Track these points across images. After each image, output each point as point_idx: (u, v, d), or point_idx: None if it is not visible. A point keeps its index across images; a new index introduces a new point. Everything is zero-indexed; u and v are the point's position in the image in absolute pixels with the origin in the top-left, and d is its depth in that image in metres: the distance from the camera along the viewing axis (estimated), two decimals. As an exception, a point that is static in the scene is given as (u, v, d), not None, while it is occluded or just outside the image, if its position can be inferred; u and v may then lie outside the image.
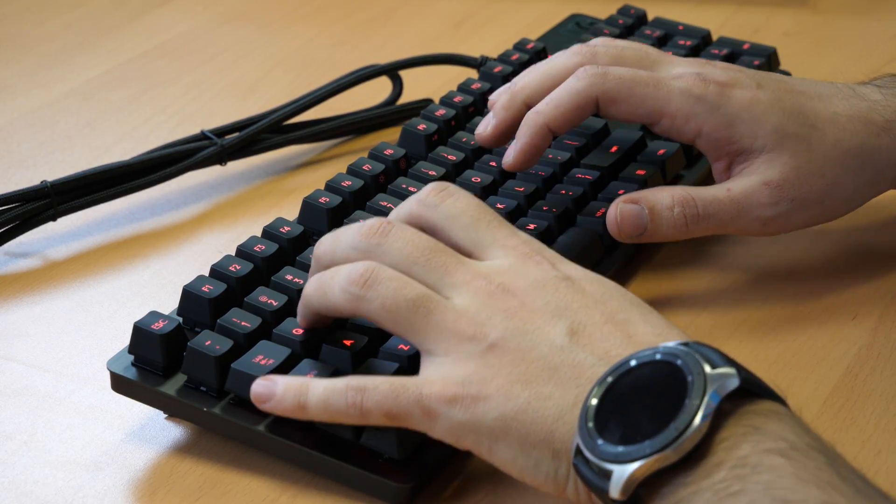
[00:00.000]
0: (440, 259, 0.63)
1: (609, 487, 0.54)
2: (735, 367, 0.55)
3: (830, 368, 0.72)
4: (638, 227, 0.74)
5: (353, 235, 0.65)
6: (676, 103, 0.75)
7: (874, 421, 0.68)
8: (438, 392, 0.60)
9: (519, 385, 0.59)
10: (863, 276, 0.79)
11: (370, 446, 0.63)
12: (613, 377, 0.56)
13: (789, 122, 0.75)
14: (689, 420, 0.53)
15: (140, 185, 0.87)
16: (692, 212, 0.74)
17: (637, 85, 0.75)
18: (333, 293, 0.63)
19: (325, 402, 0.61)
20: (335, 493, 0.64)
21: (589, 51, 0.78)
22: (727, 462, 0.53)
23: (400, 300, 0.61)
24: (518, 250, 0.64)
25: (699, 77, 0.76)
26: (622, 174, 0.82)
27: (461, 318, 0.61)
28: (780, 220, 0.75)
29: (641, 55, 0.78)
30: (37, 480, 0.66)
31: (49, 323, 0.78)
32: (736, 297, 0.78)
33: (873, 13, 1.12)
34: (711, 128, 0.75)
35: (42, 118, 0.99)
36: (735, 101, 0.75)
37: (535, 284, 0.62)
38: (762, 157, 0.75)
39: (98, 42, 1.11)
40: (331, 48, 1.09)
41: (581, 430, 0.56)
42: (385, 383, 0.61)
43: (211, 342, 0.66)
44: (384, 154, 0.82)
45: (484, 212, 0.65)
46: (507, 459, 0.59)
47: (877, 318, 0.75)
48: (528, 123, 0.76)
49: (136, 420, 0.69)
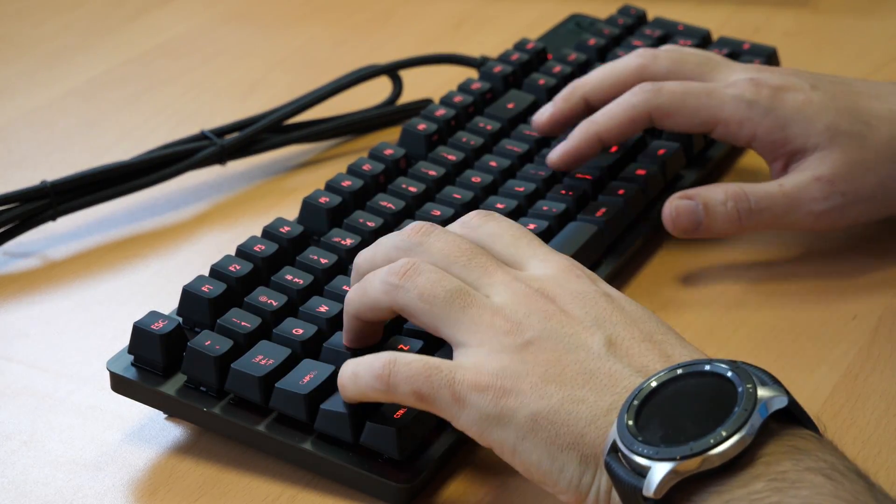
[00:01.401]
0: (480, 261, 0.63)
1: (643, 485, 0.53)
2: (784, 390, 0.55)
3: (830, 368, 0.72)
4: (693, 221, 0.77)
5: (394, 237, 0.65)
6: (729, 110, 0.77)
7: (874, 421, 0.68)
8: (471, 379, 0.59)
9: (553, 385, 0.58)
10: (863, 277, 0.79)
11: (370, 446, 0.63)
12: (658, 382, 0.56)
13: (842, 119, 0.77)
14: (738, 427, 0.53)
15: (140, 185, 0.87)
16: (745, 206, 0.76)
17: (689, 97, 0.78)
18: (373, 287, 0.63)
19: (355, 375, 0.61)
20: (335, 493, 0.64)
21: (651, 53, 0.81)
22: (766, 475, 0.52)
23: (438, 290, 0.61)
24: (559, 264, 0.64)
25: (752, 82, 0.78)
26: (622, 174, 0.82)
27: (498, 314, 0.60)
28: (833, 214, 0.77)
29: (702, 60, 0.81)
30: (37, 480, 0.66)
31: (49, 323, 0.78)
32: (736, 297, 0.78)
33: (873, 13, 1.12)
34: (765, 131, 0.77)
35: (42, 118, 0.99)
36: (788, 104, 0.77)
37: (574, 295, 0.62)
38: (815, 154, 0.76)
39: (98, 42, 1.10)
40: (331, 48, 1.09)
41: (620, 427, 0.55)
42: (418, 361, 0.60)
43: (211, 342, 0.66)
44: (384, 154, 0.82)
45: (525, 233, 0.66)
46: (532, 461, 0.58)
47: (877, 319, 0.75)
48: (581, 129, 0.79)
49: (136, 420, 0.69)
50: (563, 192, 0.79)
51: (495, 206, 0.77)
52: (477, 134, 0.85)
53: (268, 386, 0.65)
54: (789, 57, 0.99)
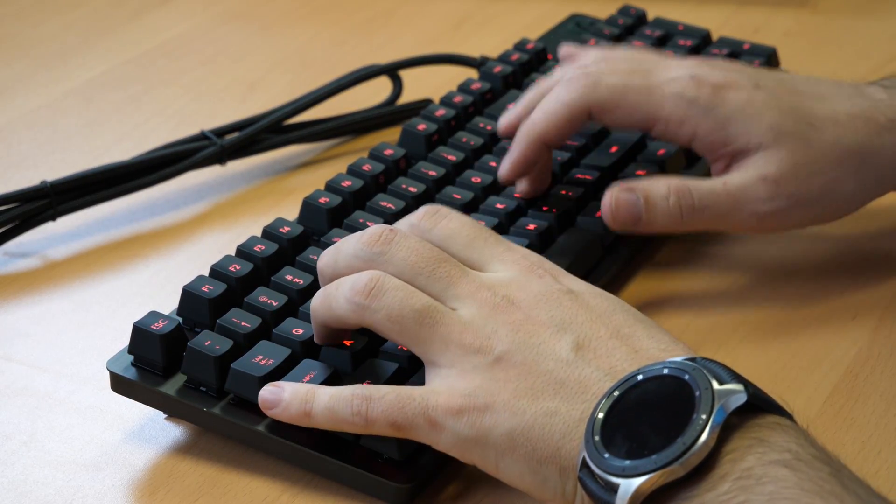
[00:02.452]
0: (444, 269, 0.63)
1: (615, 501, 0.54)
2: (742, 383, 0.55)
3: (830, 368, 0.72)
4: (633, 215, 0.73)
5: (354, 244, 0.64)
6: (669, 108, 0.75)
7: (874, 421, 0.68)
8: (444, 403, 0.59)
9: (525, 400, 0.59)
10: (863, 277, 0.79)
11: (370, 446, 0.63)
12: (620, 391, 0.56)
13: (786, 120, 0.74)
14: (697, 435, 0.53)
15: (140, 185, 0.87)
16: (687, 202, 0.73)
17: (629, 92, 0.75)
18: (339, 304, 0.63)
19: (331, 411, 0.61)
20: (335, 493, 0.64)
21: (581, 73, 0.77)
22: (732, 474, 0.52)
23: (406, 311, 0.61)
24: (519, 264, 0.64)
25: (693, 79, 0.75)
26: (622, 174, 0.82)
27: (467, 331, 0.61)
28: (777, 217, 0.74)
29: (634, 66, 0.77)
30: (37, 480, 0.66)
31: (49, 323, 0.78)
32: (736, 297, 0.78)
33: (873, 13, 1.12)
34: (706, 130, 0.75)
35: (42, 118, 0.99)
36: (729, 103, 0.75)
37: (538, 297, 0.62)
38: (759, 153, 0.74)
39: (98, 42, 1.10)
40: (331, 48, 1.09)
41: (587, 444, 0.55)
42: (391, 393, 0.61)
43: (211, 342, 0.66)
44: (384, 154, 0.82)
45: (479, 230, 0.65)
46: (515, 475, 0.59)
47: (877, 319, 0.75)
48: (522, 135, 0.76)
49: (136, 420, 0.69)
50: (562, 193, 0.79)
51: (495, 207, 0.77)
52: (477, 134, 0.85)
53: (268, 386, 0.65)
54: (789, 57, 0.99)
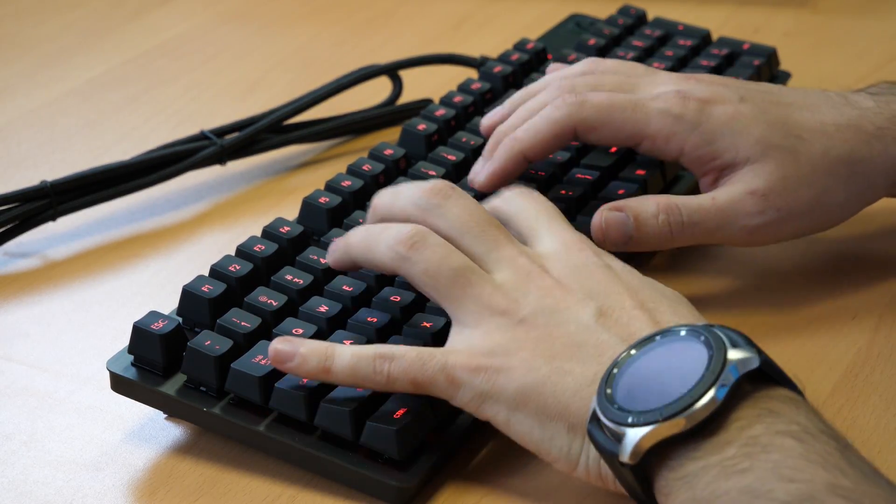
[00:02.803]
0: (492, 233, 0.65)
1: (620, 451, 0.55)
2: (756, 350, 0.56)
3: (830, 368, 0.72)
4: (623, 234, 0.74)
5: (415, 191, 0.66)
6: (655, 124, 0.75)
7: (874, 421, 0.68)
8: (464, 362, 0.61)
9: (541, 359, 0.60)
10: (863, 277, 0.79)
11: (370, 446, 0.63)
12: (637, 349, 0.57)
13: (773, 133, 0.74)
14: (705, 390, 0.54)
15: (140, 185, 0.87)
16: (677, 219, 0.74)
17: (614, 110, 0.75)
18: (379, 248, 0.65)
19: (353, 368, 0.63)
20: (335, 493, 0.64)
21: (568, 84, 0.77)
22: (738, 440, 0.53)
23: (443, 267, 0.63)
24: (565, 238, 0.66)
25: (678, 95, 0.75)
26: (622, 174, 0.82)
27: (497, 293, 0.63)
28: (767, 230, 0.74)
29: (621, 80, 0.77)
30: (37, 480, 0.66)
31: (49, 323, 0.78)
32: (735, 297, 0.78)
33: (873, 13, 1.12)
34: (692, 146, 0.75)
35: (42, 118, 0.99)
36: (715, 117, 0.75)
37: (573, 268, 0.64)
38: (747, 167, 0.74)
39: (98, 42, 1.11)
40: (331, 48, 1.09)
41: (599, 395, 0.57)
42: (412, 352, 0.62)
43: (211, 342, 0.66)
44: (384, 154, 0.82)
45: (547, 208, 0.68)
46: (524, 431, 0.60)
47: (877, 319, 0.75)
48: (505, 149, 0.76)
49: (136, 420, 0.69)
50: (563, 193, 0.79)
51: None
52: (477, 134, 0.84)
53: (268, 386, 0.65)
54: (789, 57, 0.99)
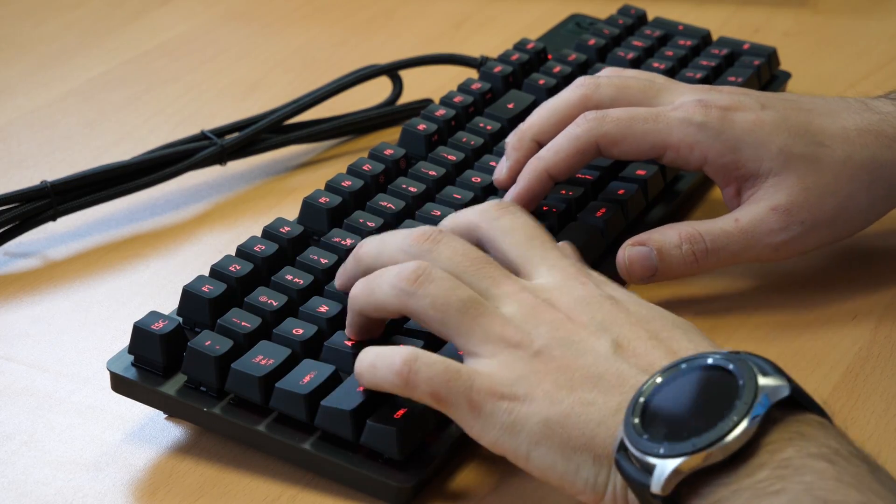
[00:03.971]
0: (488, 270, 0.63)
1: (651, 483, 0.54)
2: (786, 378, 0.55)
3: (830, 368, 0.72)
4: (648, 268, 0.74)
5: (402, 240, 0.65)
6: (678, 134, 0.74)
7: (874, 421, 0.68)
8: (489, 387, 0.59)
9: (564, 391, 0.59)
10: (863, 277, 0.79)
11: (370, 446, 0.63)
12: (663, 377, 0.56)
13: (795, 141, 0.74)
14: (739, 420, 0.53)
15: (140, 185, 0.87)
16: (701, 247, 0.74)
17: (635, 122, 0.75)
18: (382, 290, 0.63)
19: (373, 367, 0.61)
20: (335, 493, 0.64)
21: (592, 82, 0.77)
22: (770, 463, 0.53)
23: (451, 300, 0.61)
24: (565, 271, 0.64)
25: (700, 104, 0.75)
26: (622, 174, 0.82)
27: (508, 325, 0.61)
28: (793, 244, 0.74)
29: (645, 84, 0.77)
30: (37, 480, 0.66)
31: (49, 323, 0.78)
32: (736, 297, 0.78)
33: (873, 13, 1.12)
34: (716, 154, 0.74)
35: (42, 118, 0.99)
36: (738, 125, 0.74)
37: (579, 301, 0.62)
38: (769, 181, 0.74)
39: (98, 42, 1.10)
40: (331, 48, 1.09)
41: (626, 425, 0.55)
42: (440, 363, 0.60)
43: (211, 342, 0.66)
44: (384, 154, 0.82)
45: (539, 232, 0.66)
46: (547, 465, 0.59)
47: (877, 319, 0.75)
48: (529, 169, 0.76)
49: (136, 420, 0.69)
50: (562, 193, 0.79)
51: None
52: (477, 134, 0.85)
53: (268, 386, 0.65)
54: (789, 57, 0.99)
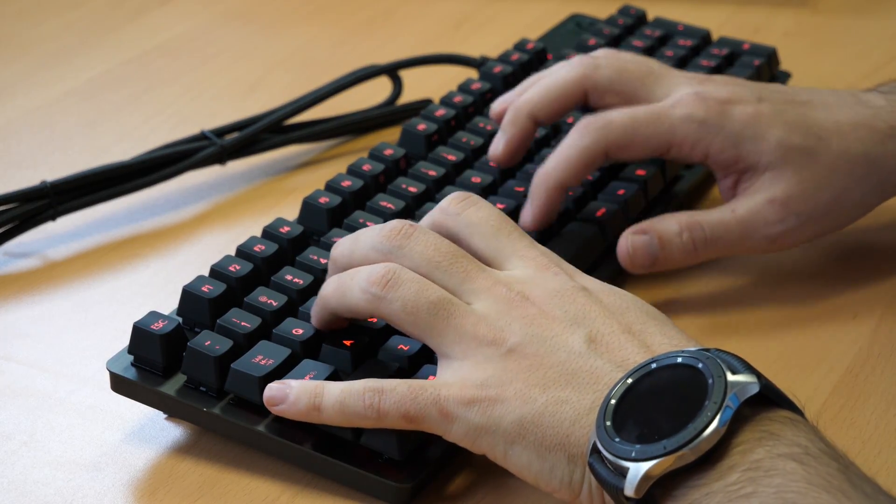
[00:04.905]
0: (462, 264, 0.63)
1: (624, 485, 0.54)
2: (755, 375, 0.55)
3: (830, 368, 0.72)
4: (649, 256, 0.75)
5: (373, 236, 0.65)
6: (681, 132, 0.75)
7: (874, 421, 0.68)
8: (456, 394, 0.60)
9: (536, 389, 0.59)
10: (863, 276, 0.79)
11: (370, 446, 0.63)
12: (634, 378, 0.57)
13: (793, 134, 0.75)
14: (708, 421, 0.53)
15: (140, 185, 0.87)
16: (700, 235, 0.75)
17: (639, 126, 0.75)
18: (353, 293, 0.63)
19: (342, 405, 0.62)
20: (335, 493, 0.64)
21: (591, 62, 0.78)
22: (741, 465, 0.53)
23: (421, 302, 0.62)
24: (537, 261, 0.64)
25: (698, 97, 0.75)
26: (622, 174, 0.82)
27: (481, 323, 0.61)
28: (789, 236, 0.75)
29: (644, 71, 0.78)
30: (37, 480, 0.66)
31: (49, 323, 0.78)
32: (736, 296, 0.78)
33: (873, 13, 1.12)
34: (718, 149, 0.75)
35: (42, 118, 0.99)
36: (737, 119, 0.75)
37: (553, 294, 0.62)
38: (767, 174, 0.75)
39: (98, 42, 1.10)
40: (331, 48, 1.09)
41: (599, 428, 0.56)
42: (403, 385, 0.61)
43: (211, 342, 0.66)
44: (384, 154, 0.82)
45: (504, 222, 0.66)
46: (523, 464, 0.59)
47: (877, 318, 0.75)
48: (541, 183, 0.76)
49: (136, 420, 0.69)
50: (563, 192, 0.79)
51: (495, 206, 0.77)
52: (477, 134, 0.85)
53: (268, 386, 0.65)
54: (789, 57, 0.99)
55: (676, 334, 0.61)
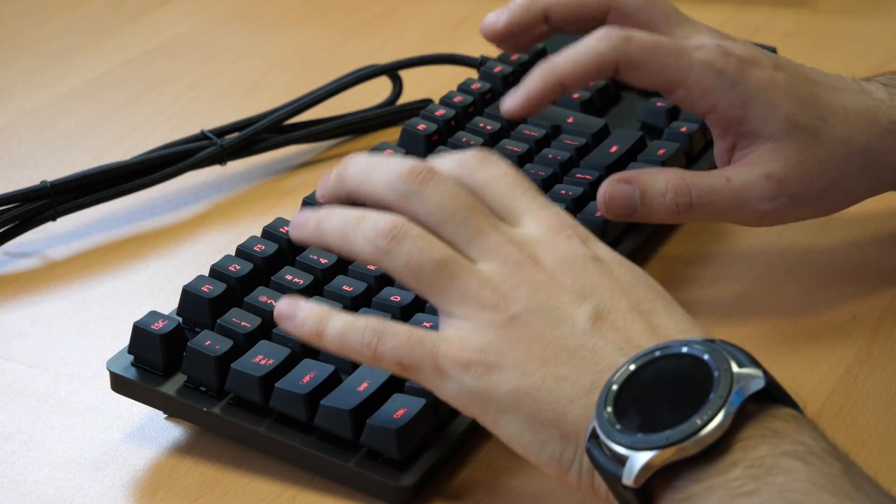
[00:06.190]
0: (476, 219, 0.62)
1: (622, 474, 0.54)
2: (761, 370, 0.55)
3: (830, 368, 0.72)
4: (628, 207, 0.73)
5: (391, 173, 0.63)
6: (696, 75, 0.73)
7: (874, 421, 0.68)
8: (455, 354, 0.59)
9: (536, 362, 0.58)
10: (863, 277, 0.79)
11: (370, 446, 0.63)
12: (637, 365, 0.56)
13: (802, 110, 0.74)
14: (713, 414, 0.53)
15: (140, 185, 0.87)
16: (685, 200, 0.72)
17: (659, 52, 0.73)
18: (356, 241, 0.62)
19: (343, 336, 0.61)
20: (335, 493, 0.64)
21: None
22: (743, 461, 0.52)
23: (425, 260, 0.61)
24: (550, 221, 0.63)
25: (721, 49, 0.74)
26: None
27: (485, 286, 0.60)
28: (777, 214, 0.74)
29: (671, 10, 0.76)
30: (37, 480, 0.66)
31: (49, 323, 0.78)
32: (735, 296, 0.78)
33: (873, 13, 1.12)
34: (726, 105, 0.73)
35: (42, 118, 0.99)
36: (753, 80, 0.73)
37: (564, 260, 0.61)
38: (768, 144, 0.73)
39: (98, 42, 1.11)
40: (331, 48, 1.09)
41: (599, 415, 0.55)
42: (404, 332, 0.60)
43: (211, 342, 0.66)
44: (384, 154, 0.82)
45: (521, 180, 0.64)
46: (513, 433, 0.59)
47: (877, 318, 0.75)
48: (541, 76, 0.72)
49: (136, 420, 0.69)
50: (562, 192, 0.79)
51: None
52: (477, 134, 0.85)
53: (268, 386, 0.65)
54: (789, 57, 0.99)
55: (683, 317, 0.60)
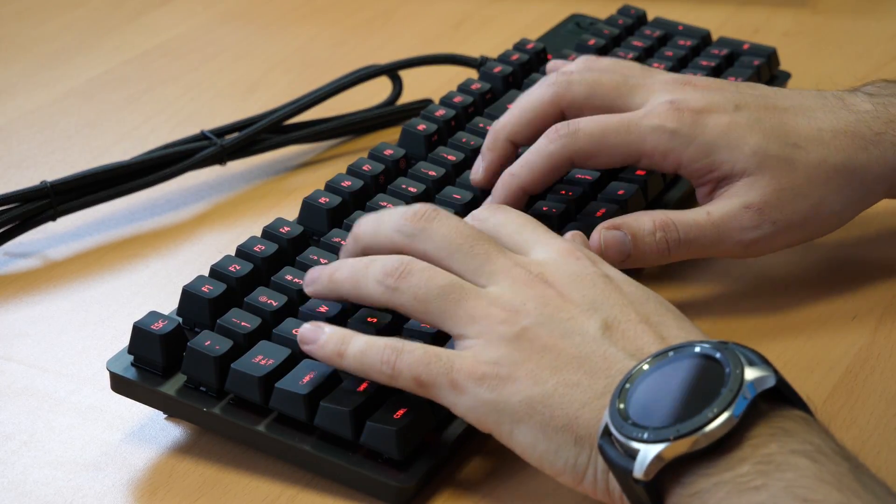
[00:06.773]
0: (483, 247, 0.64)
1: (633, 467, 0.54)
2: (772, 369, 0.55)
3: (830, 368, 0.72)
4: (621, 252, 0.74)
5: (398, 218, 0.66)
6: (651, 142, 0.74)
7: (874, 421, 0.68)
8: (469, 368, 0.60)
9: (548, 371, 0.59)
10: (863, 277, 0.79)
11: (370, 446, 0.63)
12: (649, 365, 0.57)
13: (770, 142, 0.74)
14: (724, 408, 0.54)
15: (140, 185, 0.87)
16: (673, 236, 0.74)
17: (608, 135, 0.75)
18: (367, 284, 0.64)
19: (362, 355, 0.62)
20: (335, 493, 0.64)
21: (564, 80, 0.77)
22: (752, 458, 0.53)
23: (431, 288, 0.63)
24: (559, 246, 0.65)
25: (672, 106, 0.74)
26: (622, 174, 0.82)
27: (494, 304, 0.62)
28: (763, 243, 0.74)
29: (619, 80, 0.77)
30: (37, 480, 0.66)
31: (49, 323, 0.78)
32: (735, 297, 0.78)
33: (873, 13, 1.12)
34: (690, 159, 0.74)
35: (42, 118, 0.99)
36: (710, 129, 0.74)
37: (573, 277, 0.63)
38: (743, 179, 0.74)
39: (98, 42, 1.11)
40: (331, 48, 1.09)
41: (611, 410, 0.56)
42: (420, 349, 0.62)
43: (211, 342, 0.66)
44: (384, 154, 0.82)
45: (530, 220, 0.67)
46: (528, 443, 0.60)
47: (877, 319, 0.75)
48: (504, 185, 0.76)
49: (136, 420, 0.69)
50: (562, 193, 0.79)
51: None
52: (477, 134, 0.85)
53: (268, 386, 0.65)
54: (789, 57, 0.99)
55: (692, 329, 0.61)
